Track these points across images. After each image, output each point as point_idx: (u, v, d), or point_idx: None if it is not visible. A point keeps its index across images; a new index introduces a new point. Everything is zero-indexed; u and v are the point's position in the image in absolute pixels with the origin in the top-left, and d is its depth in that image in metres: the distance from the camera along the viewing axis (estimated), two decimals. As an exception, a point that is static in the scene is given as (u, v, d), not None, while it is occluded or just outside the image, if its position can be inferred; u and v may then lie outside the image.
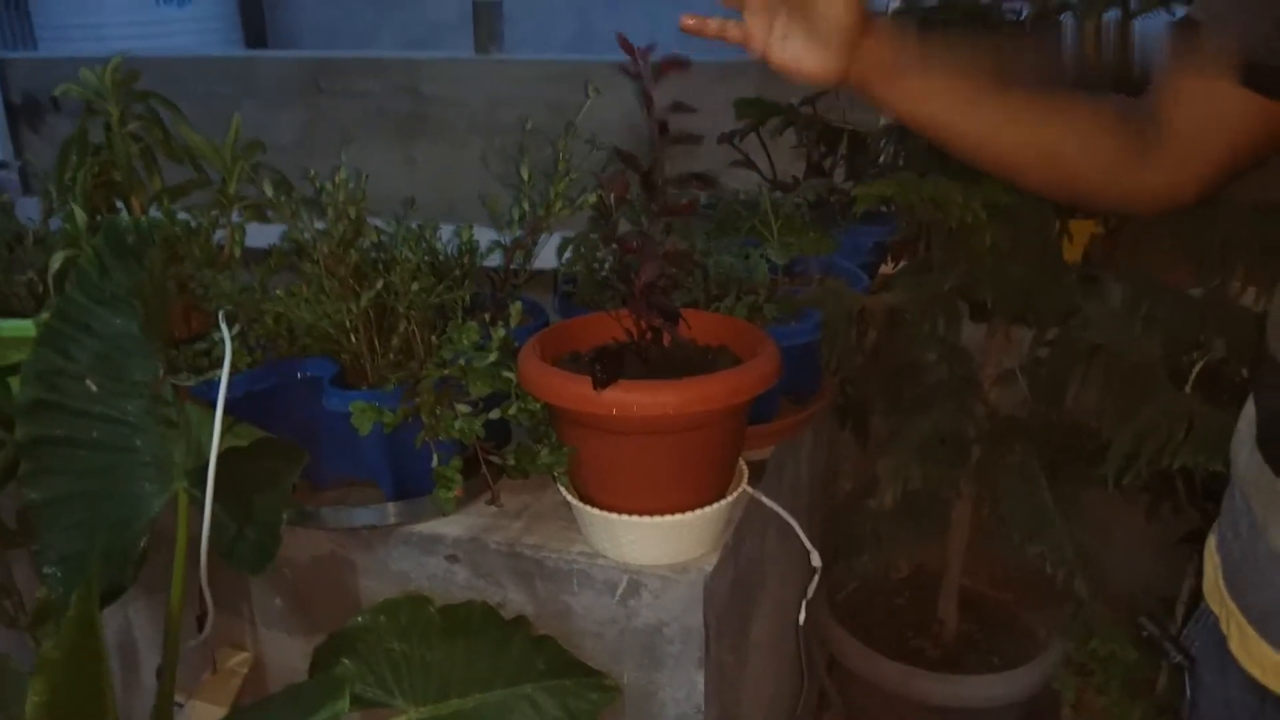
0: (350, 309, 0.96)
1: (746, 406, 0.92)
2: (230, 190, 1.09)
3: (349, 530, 1.02)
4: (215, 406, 0.89)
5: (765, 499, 1.04)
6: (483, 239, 1.10)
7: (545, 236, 1.09)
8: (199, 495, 0.87)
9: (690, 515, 0.91)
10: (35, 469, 0.88)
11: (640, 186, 0.85)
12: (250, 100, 2.02)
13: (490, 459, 0.98)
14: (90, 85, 1.07)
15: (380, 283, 0.97)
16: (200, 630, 0.98)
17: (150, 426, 0.90)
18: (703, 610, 0.93)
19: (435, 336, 1.00)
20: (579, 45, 3.76)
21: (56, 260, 1.02)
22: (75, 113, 1.10)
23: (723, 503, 0.93)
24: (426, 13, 3.90)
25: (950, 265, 1.17)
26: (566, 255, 1.21)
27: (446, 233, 1.09)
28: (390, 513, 1.01)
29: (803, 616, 1.14)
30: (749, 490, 1.00)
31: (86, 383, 0.89)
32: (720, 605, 0.98)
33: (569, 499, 0.95)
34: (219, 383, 0.90)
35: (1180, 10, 1.04)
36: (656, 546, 0.93)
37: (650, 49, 0.83)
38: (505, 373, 0.94)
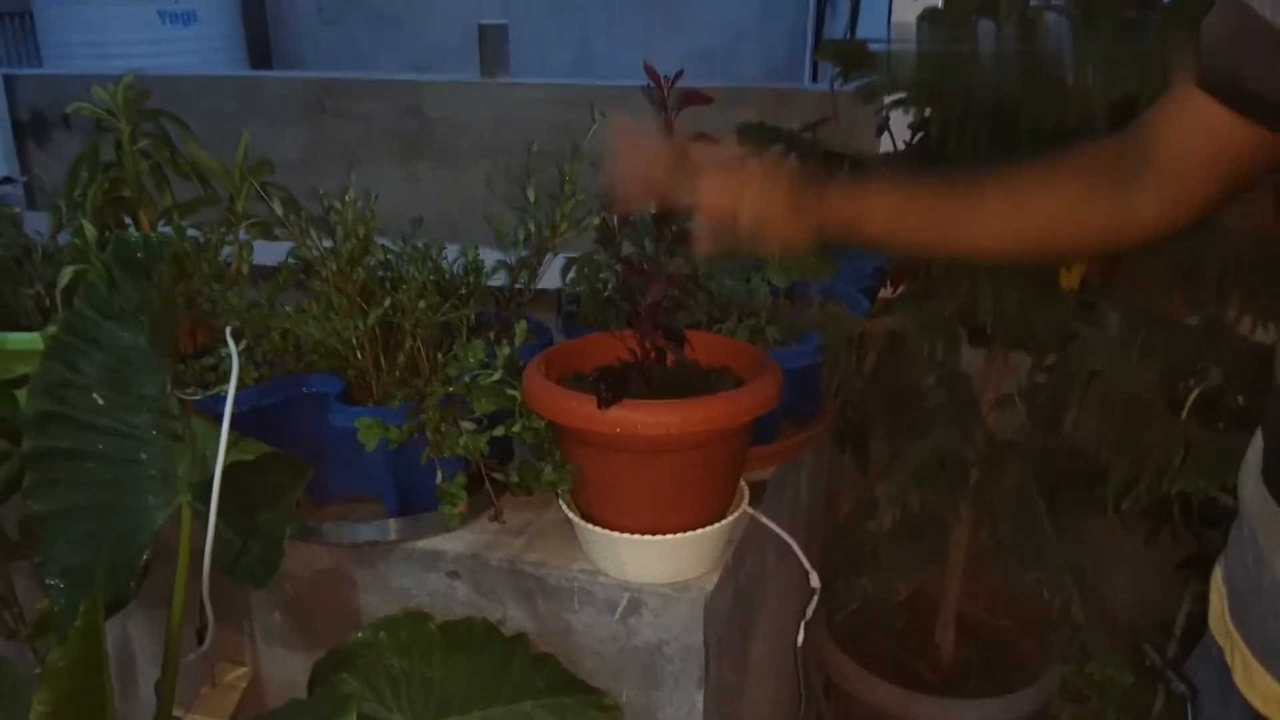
0: (357, 326, 0.97)
1: (748, 427, 0.93)
2: (238, 208, 1.10)
3: (350, 546, 1.03)
4: (221, 421, 0.89)
5: (765, 519, 1.04)
6: (487, 259, 1.11)
7: (550, 257, 1.11)
8: (203, 509, 0.88)
9: (691, 534, 0.91)
10: (41, 481, 0.88)
11: (651, 214, 0.87)
12: (255, 119, 2.04)
13: (494, 476, 0.98)
14: (102, 103, 1.09)
15: (388, 301, 0.98)
16: (200, 644, 0.98)
17: (156, 440, 0.91)
18: (703, 629, 0.94)
19: (440, 354, 1.01)
20: (579, 69, 3.79)
21: (66, 275, 1.03)
22: (82, 129, 1.11)
23: (724, 522, 0.94)
24: (428, 36, 3.93)
25: (949, 291, 1.18)
26: (570, 275, 1.22)
27: (452, 252, 1.10)
28: (392, 529, 1.01)
29: (801, 637, 1.15)
30: (749, 510, 1.01)
31: (93, 396, 0.90)
32: (720, 625, 0.98)
33: (571, 516, 0.96)
34: (225, 397, 0.90)
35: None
36: (657, 565, 0.94)
37: (676, 78, 0.84)
38: (509, 391, 0.95)
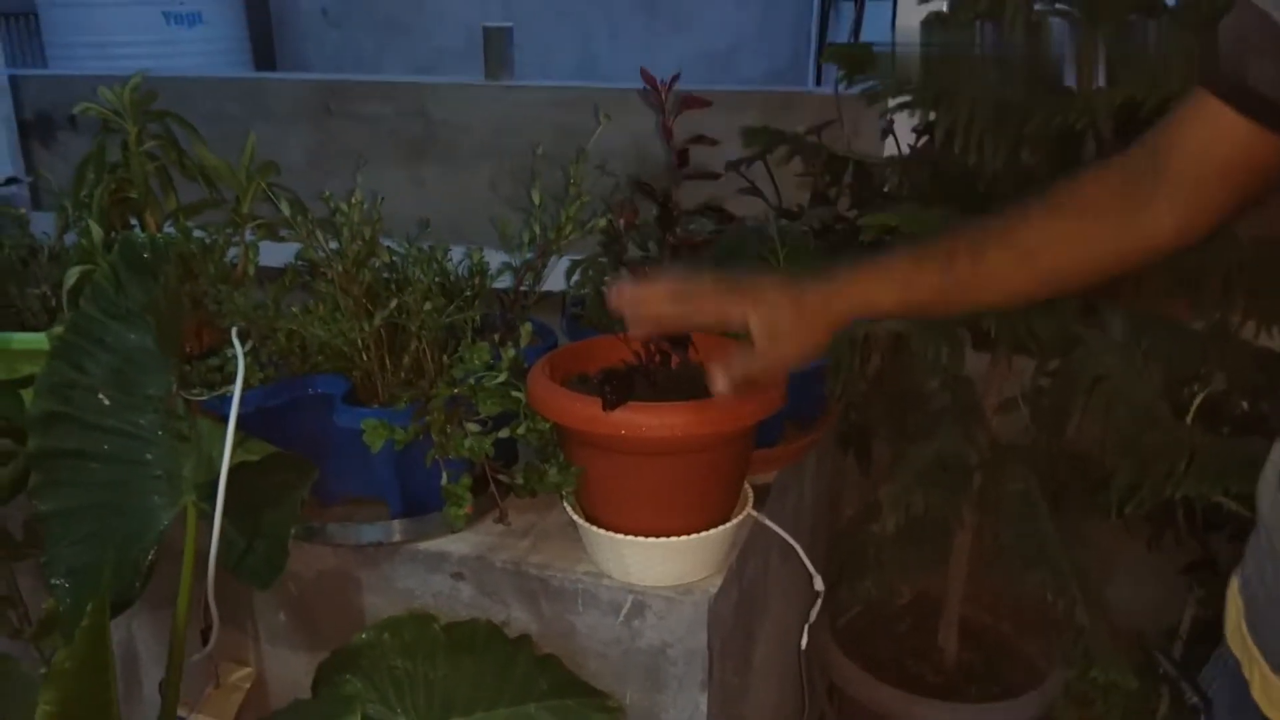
0: (363, 328, 0.97)
1: (752, 430, 0.93)
2: (244, 209, 1.10)
3: (355, 547, 1.03)
4: (227, 422, 0.89)
5: (769, 522, 1.04)
6: (492, 261, 1.11)
7: (554, 259, 1.11)
8: (208, 509, 0.88)
9: (695, 537, 0.91)
10: (46, 481, 0.88)
11: (656, 217, 0.87)
12: (260, 121, 2.04)
13: (498, 478, 0.99)
14: (109, 104, 1.09)
15: (393, 302, 0.98)
16: (204, 644, 0.98)
17: (161, 441, 0.91)
18: (707, 632, 0.94)
19: (446, 356, 1.01)
20: (582, 72, 3.79)
21: (72, 275, 1.03)
22: (88, 130, 1.12)
23: (728, 525, 0.94)
24: (432, 39, 3.93)
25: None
26: (575, 278, 1.22)
27: (457, 254, 1.10)
28: (397, 530, 1.01)
29: (805, 640, 1.15)
30: (753, 513, 1.01)
31: (99, 396, 0.90)
32: (724, 627, 0.98)
33: (575, 518, 0.96)
34: (231, 398, 0.90)
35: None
36: (661, 567, 0.94)
37: (673, 82, 0.85)
38: (514, 392, 0.95)
